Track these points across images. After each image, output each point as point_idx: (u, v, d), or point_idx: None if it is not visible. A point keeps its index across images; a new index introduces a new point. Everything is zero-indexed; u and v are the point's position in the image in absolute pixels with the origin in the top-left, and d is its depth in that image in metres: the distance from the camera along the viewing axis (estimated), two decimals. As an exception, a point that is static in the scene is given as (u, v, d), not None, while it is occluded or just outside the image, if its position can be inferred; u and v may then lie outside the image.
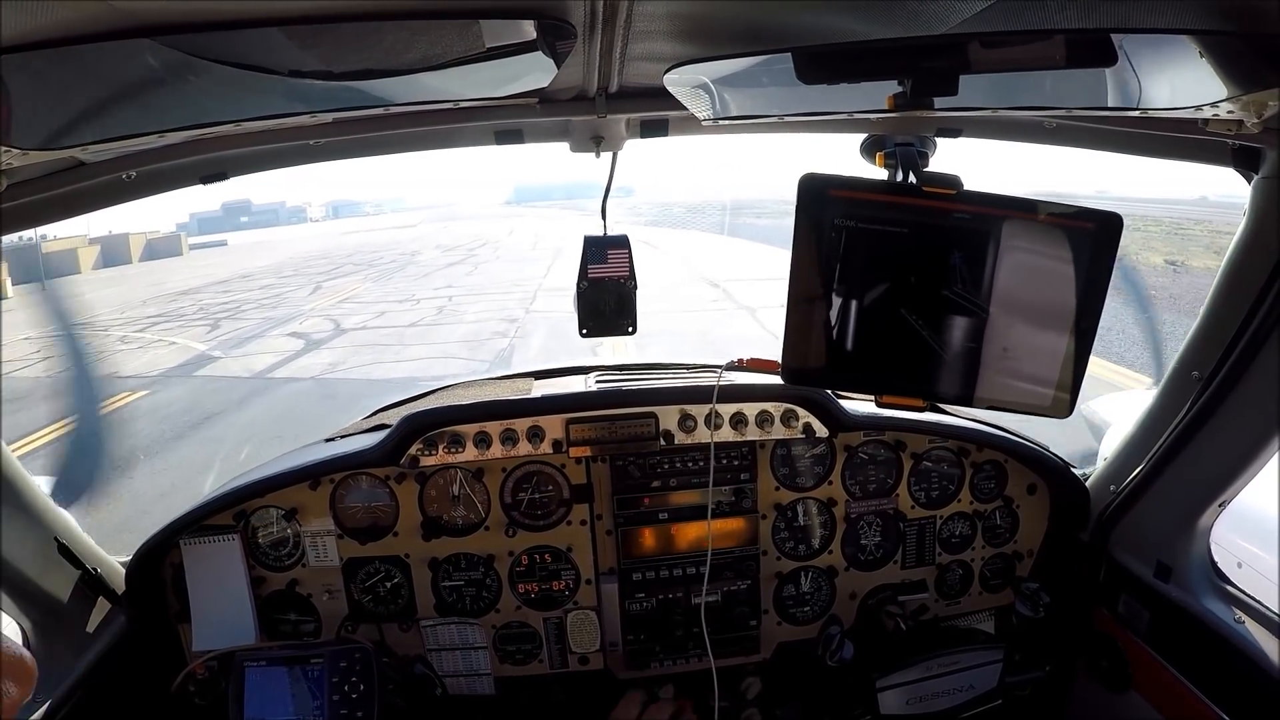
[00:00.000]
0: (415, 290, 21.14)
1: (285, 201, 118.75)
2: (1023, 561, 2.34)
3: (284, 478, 2.06)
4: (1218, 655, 1.71)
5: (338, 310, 18.67)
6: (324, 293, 22.48)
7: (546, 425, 2.06)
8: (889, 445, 2.23)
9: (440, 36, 1.04)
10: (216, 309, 20.77)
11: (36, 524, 1.79)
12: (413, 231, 51.42)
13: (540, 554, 2.19)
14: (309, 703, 1.87)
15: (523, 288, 19.99)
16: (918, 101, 1.13)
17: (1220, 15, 0.95)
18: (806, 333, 1.25)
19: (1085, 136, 1.65)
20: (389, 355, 13.21)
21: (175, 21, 0.88)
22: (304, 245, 45.92)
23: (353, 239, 48.38)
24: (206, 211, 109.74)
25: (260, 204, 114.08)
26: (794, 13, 1.06)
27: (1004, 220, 1.17)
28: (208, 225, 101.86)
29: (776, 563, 2.25)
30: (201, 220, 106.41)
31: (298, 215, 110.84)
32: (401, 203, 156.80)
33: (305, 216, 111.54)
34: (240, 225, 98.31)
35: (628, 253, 1.80)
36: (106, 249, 44.68)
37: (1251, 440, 1.61)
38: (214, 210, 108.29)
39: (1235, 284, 1.59)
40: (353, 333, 15.60)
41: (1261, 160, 1.46)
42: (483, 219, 63.34)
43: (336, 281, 25.33)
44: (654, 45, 1.17)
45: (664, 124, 1.69)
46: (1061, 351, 1.21)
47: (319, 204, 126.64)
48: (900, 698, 2.07)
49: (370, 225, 71.34)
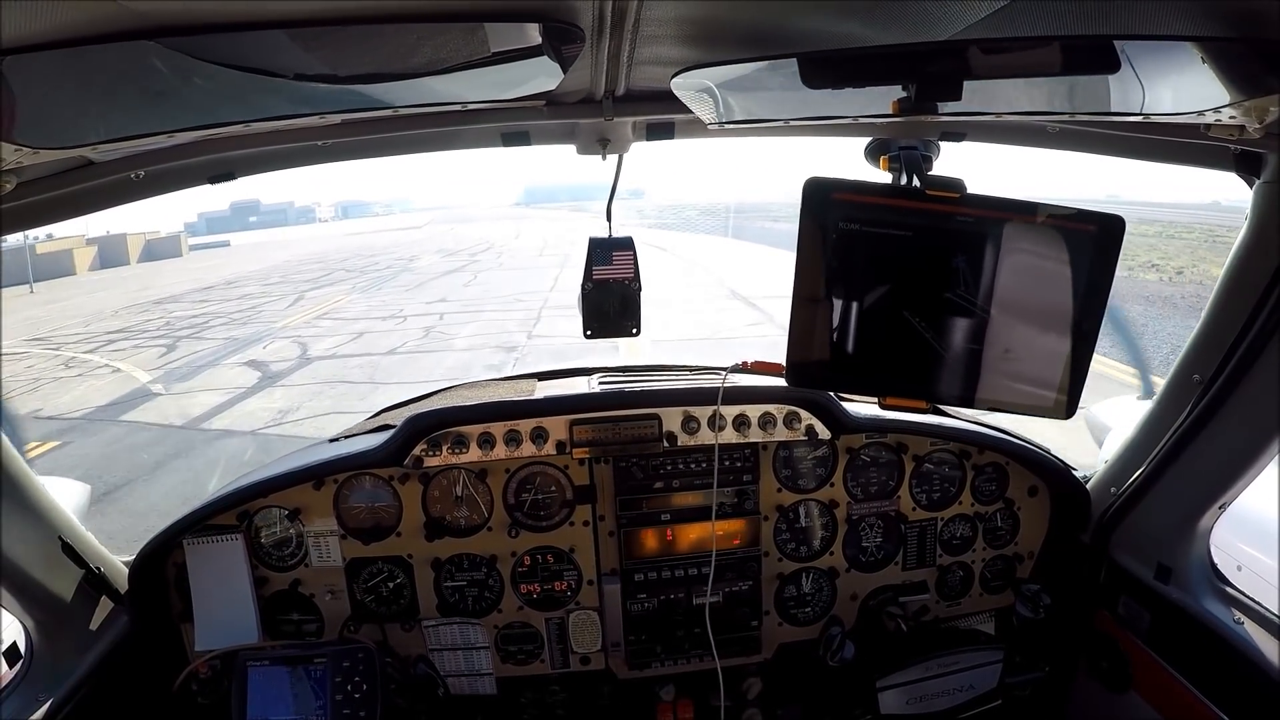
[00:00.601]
0: (405, 304, 19.38)
1: (294, 202, 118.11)
2: (1023, 563, 2.34)
3: (287, 478, 2.07)
4: (1218, 656, 1.72)
5: (311, 330, 16.62)
6: (305, 304, 20.89)
7: (550, 426, 2.07)
8: (891, 447, 2.24)
9: (448, 40, 1.04)
10: (183, 324, 18.96)
11: (40, 523, 1.79)
12: (417, 234, 51.07)
13: (543, 554, 2.19)
14: (311, 703, 1.88)
15: (525, 303, 18.03)
16: (922, 106, 1.13)
17: (1222, 21, 0.96)
18: (810, 335, 1.25)
19: (1088, 141, 1.66)
20: (353, 399, 10.86)
21: (185, 23, 0.88)
22: (304, 247, 45.27)
23: (355, 241, 47.83)
24: (215, 211, 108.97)
25: (269, 204, 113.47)
26: (800, 18, 1.07)
27: (1007, 223, 1.18)
28: (216, 225, 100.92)
29: (778, 564, 2.25)
30: (210, 220, 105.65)
31: (306, 215, 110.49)
32: (411, 204, 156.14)
33: (314, 217, 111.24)
34: (249, 225, 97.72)
35: (632, 254, 1.81)
36: (104, 250, 44.30)
37: (1252, 443, 1.62)
38: (223, 210, 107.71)
39: (1236, 287, 1.60)
40: (319, 363, 13.37)
41: (1263, 165, 1.47)
42: (490, 221, 62.17)
43: (322, 290, 23.60)
44: (661, 49, 1.18)
45: (670, 127, 1.70)
46: (1063, 353, 1.22)
47: (328, 204, 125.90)
48: (900, 698, 2.08)
49: (376, 226, 70.26)
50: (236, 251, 47.77)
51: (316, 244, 47.91)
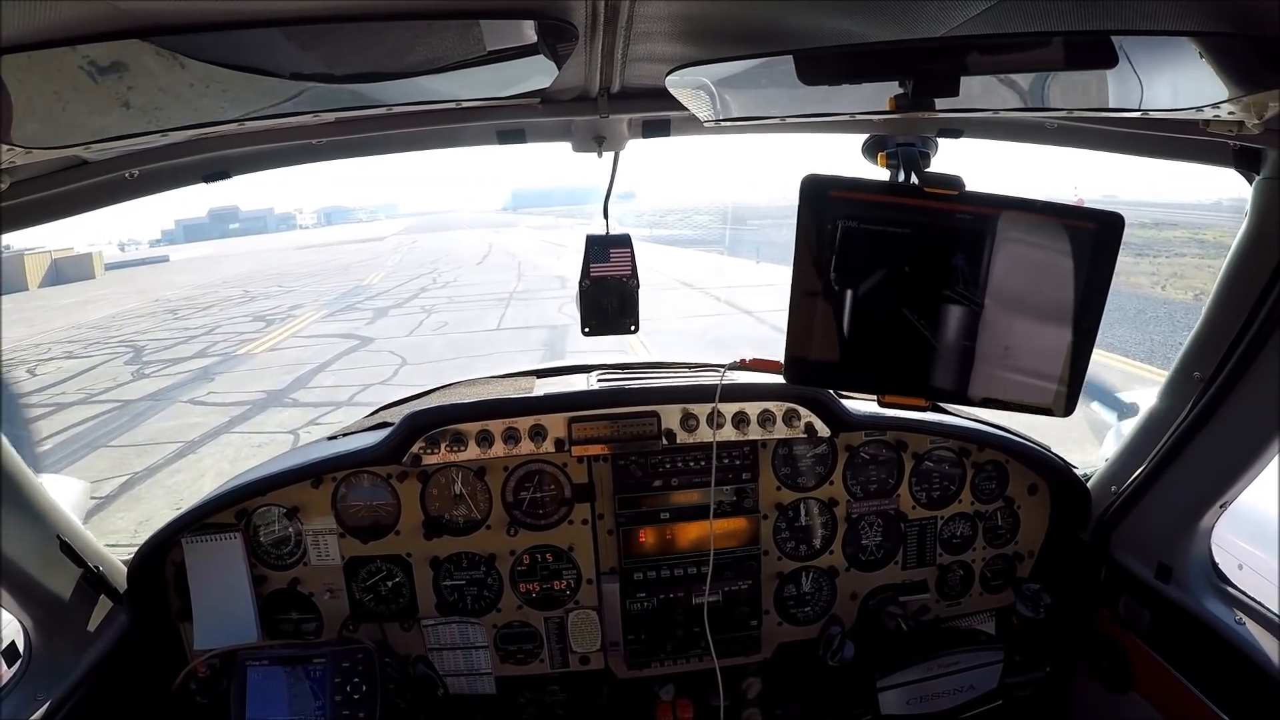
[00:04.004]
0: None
1: (274, 208, 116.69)
2: (1023, 562, 2.33)
3: (286, 476, 2.07)
4: (1218, 656, 1.71)
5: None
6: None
7: (549, 424, 2.06)
8: (890, 445, 2.23)
9: (442, 38, 1.04)
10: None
11: (38, 522, 1.79)
12: (381, 245, 44.42)
13: (542, 553, 2.19)
14: (311, 702, 1.88)
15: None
16: (919, 102, 1.13)
17: (1220, 17, 0.95)
18: (809, 332, 1.25)
19: (1086, 137, 1.65)
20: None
21: (178, 22, 0.88)
22: (226, 266, 38.31)
23: (298, 256, 41.27)
24: (193, 219, 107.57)
25: (248, 210, 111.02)
26: (795, 15, 1.06)
27: (1005, 220, 1.18)
28: (194, 232, 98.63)
29: (777, 563, 2.25)
30: (188, 227, 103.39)
31: (287, 222, 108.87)
32: (397, 209, 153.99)
33: (295, 224, 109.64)
34: (229, 232, 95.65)
35: (630, 251, 1.81)
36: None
37: (1252, 441, 1.61)
38: (201, 217, 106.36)
39: (1236, 285, 1.59)
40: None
41: (1262, 161, 1.47)
42: (468, 229, 56.54)
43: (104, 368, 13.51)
44: (656, 46, 1.18)
45: (666, 124, 1.69)
46: (1063, 351, 1.22)
47: (310, 211, 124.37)
48: (901, 698, 2.08)
49: (338, 236, 63.56)
50: (168, 269, 41.14)
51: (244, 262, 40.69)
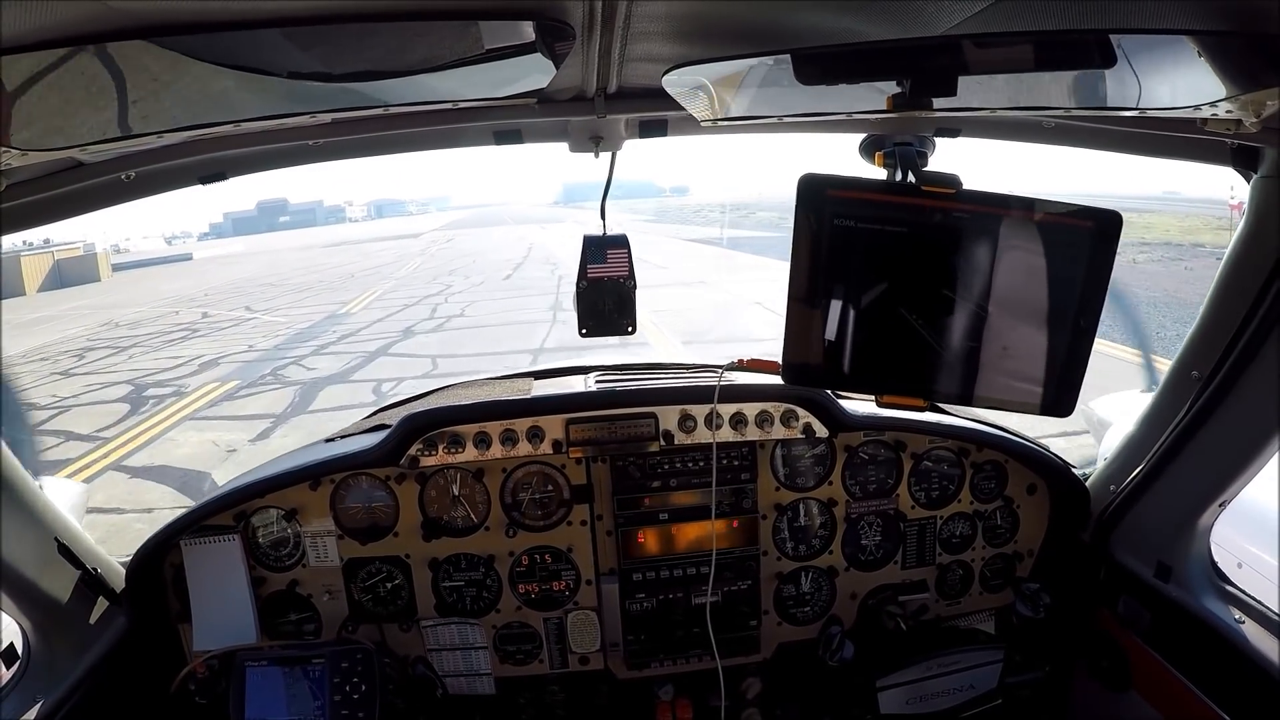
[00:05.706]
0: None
1: (323, 200, 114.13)
2: (1023, 562, 2.33)
3: (284, 478, 2.07)
4: (1218, 655, 1.71)
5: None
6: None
7: (546, 425, 2.06)
8: (889, 445, 2.23)
9: (439, 38, 1.03)
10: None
11: (36, 523, 1.79)
12: (414, 244, 41.77)
13: (540, 554, 2.19)
14: (310, 703, 1.88)
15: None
16: (916, 101, 1.13)
17: (1218, 15, 0.95)
18: (807, 332, 1.25)
19: (1084, 136, 1.65)
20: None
21: (174, 22, 0.88)
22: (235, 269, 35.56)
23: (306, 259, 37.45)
24: (242, 211, 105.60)
25: (297, 203, 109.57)
26: (792, 14, 1.06)
27: (1003, 219, 1.17)
28: (243, 225, 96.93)
29: (777, 563, 2.25)
30: (236, 220, 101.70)
31: (336, 215, 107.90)
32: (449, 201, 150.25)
33: (345, 216, 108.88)
34: (278, 225, 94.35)
35: (627, 252, 1.81)
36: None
37: (1251, 439, 1.61)
38: (249, 210, 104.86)
39: (1235, 283, 1.58)
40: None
41: (1260, 159, 1.46)
42: (514, 224, 53.73)
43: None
44: (653, 46, 1.17)
45: (663, 124, 1.69)
46: (1061, 350, 1.21)
47: (360, 203, 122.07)
48: (900, 698, 2.07)
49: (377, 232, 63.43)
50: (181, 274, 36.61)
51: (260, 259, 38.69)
